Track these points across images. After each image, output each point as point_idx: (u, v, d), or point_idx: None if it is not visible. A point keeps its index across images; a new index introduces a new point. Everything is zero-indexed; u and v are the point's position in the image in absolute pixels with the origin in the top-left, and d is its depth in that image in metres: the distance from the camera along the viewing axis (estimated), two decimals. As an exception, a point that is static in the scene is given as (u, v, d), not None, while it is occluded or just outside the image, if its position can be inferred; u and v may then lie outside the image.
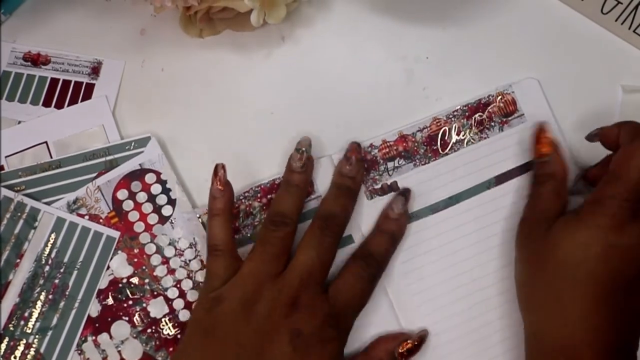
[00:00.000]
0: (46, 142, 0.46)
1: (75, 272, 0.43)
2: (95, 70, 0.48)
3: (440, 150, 0.45)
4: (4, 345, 0.42)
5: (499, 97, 0.46)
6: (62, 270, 0.43)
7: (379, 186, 0.44)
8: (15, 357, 0.42)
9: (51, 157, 0.46)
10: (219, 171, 0.42)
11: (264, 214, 0.44)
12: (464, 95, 0.46)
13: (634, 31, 0.47)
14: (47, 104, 0.48)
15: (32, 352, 0.42)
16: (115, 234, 0.44)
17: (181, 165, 0.46)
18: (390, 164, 0.45)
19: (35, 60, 0.49)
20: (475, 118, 0.45)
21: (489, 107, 0.45)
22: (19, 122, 0.47)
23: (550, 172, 0.41)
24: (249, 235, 0.44)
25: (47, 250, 0.43)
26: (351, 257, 0.41)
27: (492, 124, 0.45)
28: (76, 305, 0.42)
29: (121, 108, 0.48)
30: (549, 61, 0.48)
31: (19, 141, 0.46)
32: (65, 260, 0.43)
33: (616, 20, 0.48)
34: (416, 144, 0.45)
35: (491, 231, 0.44)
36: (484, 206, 0.44)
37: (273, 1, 0.45)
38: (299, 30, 0.49)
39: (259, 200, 0.44)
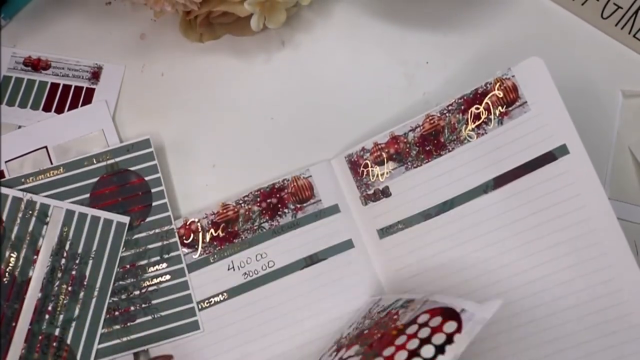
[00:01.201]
0: (46, 147, 0.46)
1: (90, 262, 0.43)
2: (96, 75, 0.48)
3: (433, 151, 0.43)
4: (31, 339, 0.42)
5: (498, 84, 0.42)
6: (77, 262, 0.43)
7: (371, 192, 0.44)
8: (44, 353, 0.42)
9: (51, 162, 0.46)
10: None
11: (264, 218, 0.44)
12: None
13: (633, 36, 0.47)
14: (47, 108, 0.48)
15: (59, 344, 0.42)
16: (125, 219, 0.44)
17: (180, 170, 0.46)
18: (381, 168, 0.44)
19: (36, 65, 0.49)
20: (471, 112, 0.42)
21: (486, 98, 0.42)
22: (19, 127, 0.47)
23: None
24: (248, 239, 0.44)
25: (62, 243, 0.44)
26: None
27: (491, 117, 0.42)
28: (95, 294, 0.43)
29: (121, 113, 0.48)
30: (549, 66, 0.47)
31: (19, 146, 0.47)
32: (80, 251, 0.44)
33: (616, 25, 0.48)
34: (408, 145, 0.43)
35: (488, 241, 0.41)
36: (481, 212, 0.41)
37: (273, 6, 0.45)
38: (299, 34, 0.49)
39: (258, 204, 0.44)
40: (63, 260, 0.43)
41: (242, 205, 0.44)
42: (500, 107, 0.41)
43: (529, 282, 0.40)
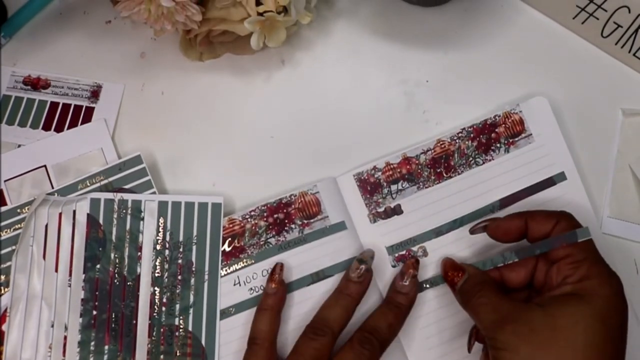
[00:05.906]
0: (45, 166, 0.46)
1: (194, 247, 0.44)
2: (95, 94, 0.48)
3: (444, 173, 0.45)
4: (154, 333, 0.42)
5: (506, 118, 0.45)
6: (181, 250, 0.44)
7: (382, 209, 0.44)
8: (170, 344, 0.42)
9: (50, 181, 0.46)
10: (276, 271, 0.42)
11: (270, 234, 0.44)
12: (464, 119, 0.46)
13: (634, 54, 0.47)
14: (46, 127, 0.48)
15: (182, 333, 0.42)
16: (219, 199, 0.44)
17: (180, 189, 0.46)
18: (393, 187, 0.45)
19: (35, 84, 0.49)
20: (480, 139, 0.45)
21: (495, 129, 0.45)
22: (19, 146, 0.47)
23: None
24: (254, 254, 0.44)
25: (161, 234, 0.44)
26: (356, 331, 0.40)
27: (498, 145, 0.45)
28: (206, 278, 0.43)
29: (121, 131, 0.48)
30: (549, 85, 0.48)
31: (18, 165, 0.46)
32: (181, 239, 0.44)
33: (616, 44, 0.48)
34: (420, 167, 0.45)
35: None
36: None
37: (273, 25, 0.45)
38: (299, 53, 0.49)
39: (265, 219, 0.44)
40: (167, 252, 0.44)
41: (249, 220, 0.44)
42: (507, 137, 0.45)
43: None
